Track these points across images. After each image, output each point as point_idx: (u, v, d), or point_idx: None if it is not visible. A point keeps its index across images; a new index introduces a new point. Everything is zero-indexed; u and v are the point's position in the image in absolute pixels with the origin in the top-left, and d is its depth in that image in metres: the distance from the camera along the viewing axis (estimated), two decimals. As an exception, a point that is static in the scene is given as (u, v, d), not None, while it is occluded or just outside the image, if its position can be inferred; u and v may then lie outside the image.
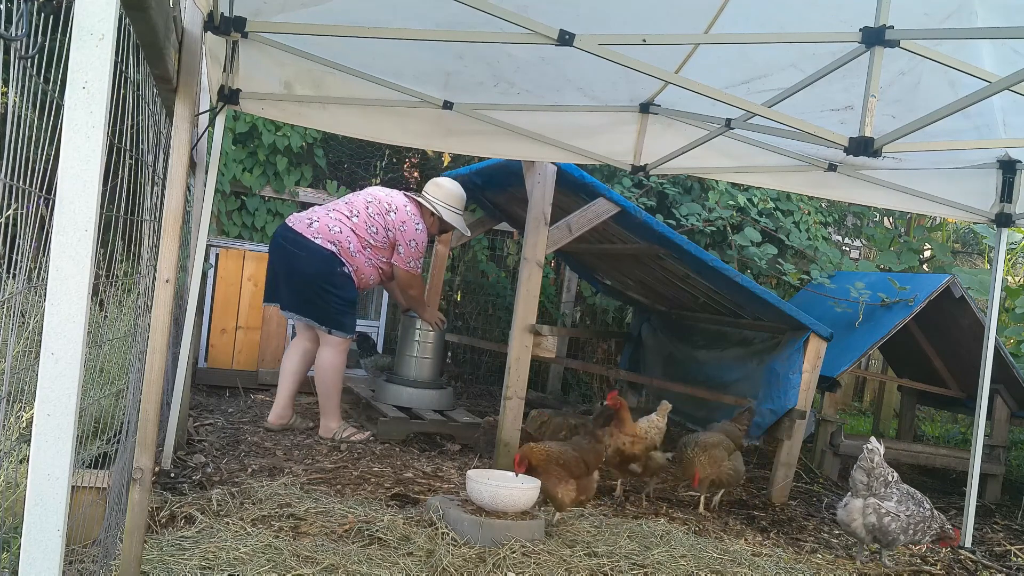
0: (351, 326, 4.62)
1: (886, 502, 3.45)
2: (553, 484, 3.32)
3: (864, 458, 3.51)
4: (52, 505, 1.30)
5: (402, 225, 4.56)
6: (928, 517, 3.48)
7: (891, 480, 3.51)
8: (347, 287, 4.52)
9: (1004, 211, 4.02)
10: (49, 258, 1.30)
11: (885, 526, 3.43)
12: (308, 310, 4.54)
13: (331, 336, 4.54)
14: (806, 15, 2.78)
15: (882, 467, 3.50)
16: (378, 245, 4.56)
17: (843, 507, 3.55)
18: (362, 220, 4.53)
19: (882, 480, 3.49)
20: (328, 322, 4.52)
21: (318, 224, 4.48)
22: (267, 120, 6.44)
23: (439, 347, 5.29)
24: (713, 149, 3.86)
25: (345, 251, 4.47)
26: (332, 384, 4.61)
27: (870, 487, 3.48)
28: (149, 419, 2.16)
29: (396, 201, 4.61)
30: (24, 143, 1.46)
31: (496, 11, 2.36)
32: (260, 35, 3.08)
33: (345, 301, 4.53)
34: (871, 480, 3.48)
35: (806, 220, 7.54)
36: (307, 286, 4.48)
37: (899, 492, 3.50)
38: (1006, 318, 6.21)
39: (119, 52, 1.54)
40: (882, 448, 3.53)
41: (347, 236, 4.48)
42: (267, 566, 2.54)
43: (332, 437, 4.57)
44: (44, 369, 1.30)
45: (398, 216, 4.57)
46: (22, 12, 1.29)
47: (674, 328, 6.08)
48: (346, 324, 4.57)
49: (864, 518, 3.45)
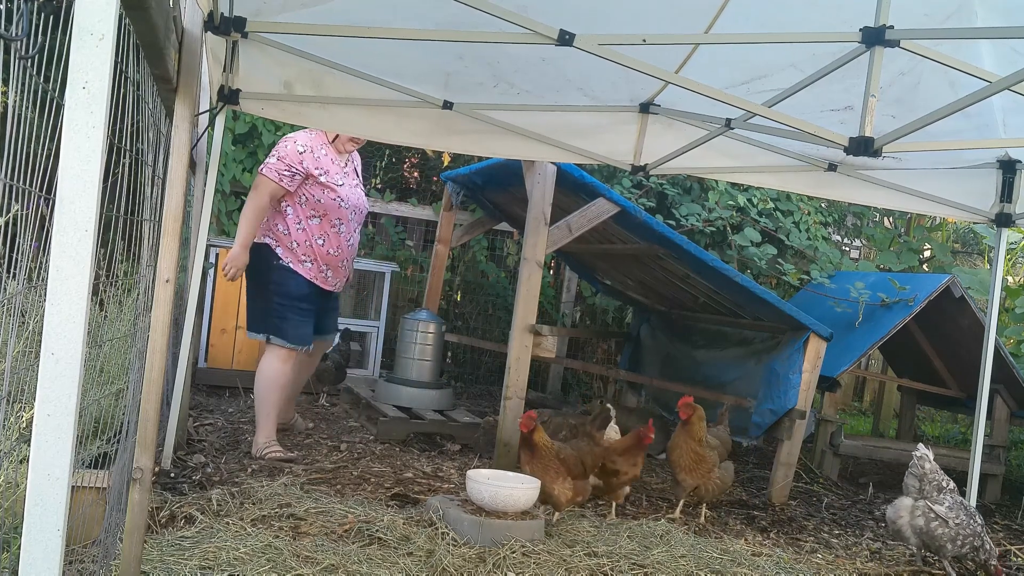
0: (295, 335, 4.07)
1: (937, 506, 3.38)
2: (551, 480, 3.32)
3: (915, 465, 3.44)
4: (52, 505, 1.30)
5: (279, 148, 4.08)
6: (978, 533, 3.40)
7: (945, 487, 3.43)
8: (285, 282, 4.04)
9: (1004, 211, 4.02)
10: (49, 258, 1.30)
11: (932, 531, 3.35)
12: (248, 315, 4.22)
13: (270, 344, 4.10)
14: (806, 15, 2.78)
15: (936, 472, 3.43)
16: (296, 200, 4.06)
17: (892, 505, 3.49)
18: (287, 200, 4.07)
19: (935, 485, 3.41)
20: (263, 327, 4.10)
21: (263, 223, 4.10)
22: (267, 120, 6.44)
23: (439, 347, 5.29)
24: (713, 149, 3.86)
25: (279, 235, 4.04)
26: (265, 396, 4.10)
27: (922, 491, 3.42)
28: (149, 419, 2.16)
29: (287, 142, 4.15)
30: (24, 143, 1.46)
31: (496, 11, 2.36)
32: (260, 35, 3.08)
33: (286, 300, 4.05)
34: (923, 485, 3.42)
35: (806, 220, 7.54)
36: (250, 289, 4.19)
37: (952, 500, 3.42)
38: (1006, 318, 6.21)
39: (119, 52, 1.54)
40: (931, 453, 3.47)
41: (273, 219, 4.05)
42: (267, 566, 2.54)
43: (256, 454, 4.05)
44: (44, 369, 1.30)
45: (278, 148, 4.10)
46: (22, 12, 1.29)
47: (674, 328, 6.08)
48: (286, 331, 4.05)
49: (912, 519, 3.39)
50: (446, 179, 5.93)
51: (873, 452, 5.29)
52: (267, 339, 4.08)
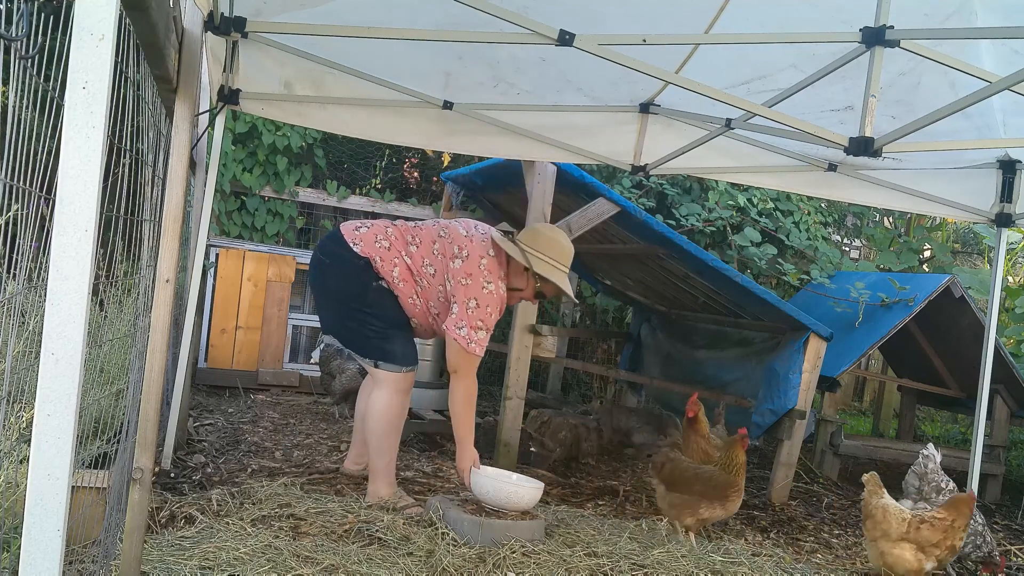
0: (403, 355, 3.44)
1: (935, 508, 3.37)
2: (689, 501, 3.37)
3: (919, 463, 3.46)
4: (52, 505, 1.29)
5: (466, 279, 3.32)
6: (979, 532, 3.40)
7: (944, 487, 3.43)
8: (387, 305, 3.41)
9: (1004, 211, 4.02)
10: (49, 258, 1.30)
11: None
12: (344, 336, 3.55)
13: (379, 372, 3.43)
14: (806, 15, 2.78)
15: (936, 473, 3.44)
16: (430, 290, 3.43)
17: None
18: (421, 253, 3.41)
19: (935, 486, 3.42)
20: (369, 352, 3.43)
21: (367, 231, 3.45)
22: (267, 120, 6.45)
23: (439, 347, 5.29)
24: (713, 149, 3.86)
25: (387, 273, 3.39)
26: (383, 436, 3.41)
27: (921, 491, 3.42)
28: (149, 419, 2.16)
29: (472, 247, 3.36)
30: (24, 143, 1.46)
31: (496, 11, 2.36)
32: (260, 35, 3.08)
33: (387, 323, 3.42)
34: (923, 484, 3.43)
35: (806, 220, 7.54)
36: (338, 304, 3.46)
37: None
38: (1006, 318, 6.21)
39: (119, 52, 1.53)
40: (939, 455, 3.48)
41: (393, 258, 3.39)
42: (267, 566, 2.53)
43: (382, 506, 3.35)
44: (44, 369, 1.30)
45: (464, 266, 3.33)
46: (22, 12, 1.29)
47: (674, 328, 6.08)
48: (395, 353, 3.42)
49: None
50: (446, 179, 5.93)
51: (873, 452, 5.29)
52: (374, 364, 3.44)
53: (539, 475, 4.33)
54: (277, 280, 6.07)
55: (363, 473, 3.77)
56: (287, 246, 6.75)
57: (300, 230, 7.02)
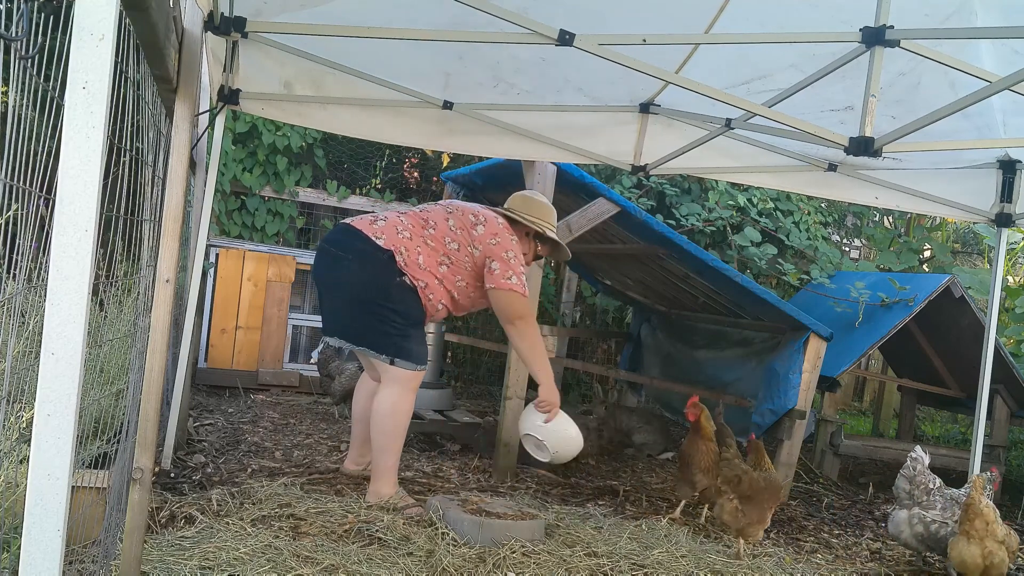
0: (420, 354, 3.46)
1: (930, 511, 3.40)
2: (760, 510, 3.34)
3: (907, 466, 3.47)
4: (52, 505, 1.29)
5: (493, 238, 3.46)
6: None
7: (932, 487, 3.45)
8: (409, 302, 3.41)
9: (1004, 211, 4.02)
10: (49, 258, 1.30)
11: (934, 534, 3.37)
12: (356, 333, 3.44)
13: (394, 369, 3.40)
14: (806, 15, 2.78)
15: (924, 475, 3.45)
16: (457, 264, 3.48)
17: (891, 521, 3.51)
18: (440, 232, 3.47)
19: (923, 488, 3.44)
20: (386, 348, 3.39)
21: (384, 223, 3.45)
22: (267, 120, 6.45)
23: (439, 347, 5.29)
24: (713, 149, 3.86)
25: (412, 263, 3.40)
26: (390, 435, 3.43)
27: (911, 495, 3.44)
28: (149, 419, 2.16)
29: (485, 213, 3.54)
30: (24, 143, 1.46)
31: (496, 11, 2.36)
32: (260, 35, 3.08)
33: (408, 320, 3.42)
34: (913, 488, 3.44)
35: (806, 220, 7.54)
36: (355, 300, 3.41)
37: (943, 499, 3.43)
38: (1006, 318, 6.21)
39: (119, 52, 1.53)
40: (927, 457, 3.50)
41: (417, 246, 3.42)
42: (267, 566, 2.53)
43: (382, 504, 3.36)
44: (44, 369, 1.30)
45: (488, 228, 3.48)
46: (22, 12, 1.29)
47: (674, 328, 6.08)
48: (412, 351, 3.42)
49: (911, 529, 3.41)
50: (446, 179, 5.93)
51: (873, 452, 5.29)
52: (389, 361, 3.40)
53: (539, 475, 4.34)
54: (277, 280, 6.07)
55: (363, 473, 3.77)
56: (287, 246, 6.75)
57: (300, 230, 7.02)
